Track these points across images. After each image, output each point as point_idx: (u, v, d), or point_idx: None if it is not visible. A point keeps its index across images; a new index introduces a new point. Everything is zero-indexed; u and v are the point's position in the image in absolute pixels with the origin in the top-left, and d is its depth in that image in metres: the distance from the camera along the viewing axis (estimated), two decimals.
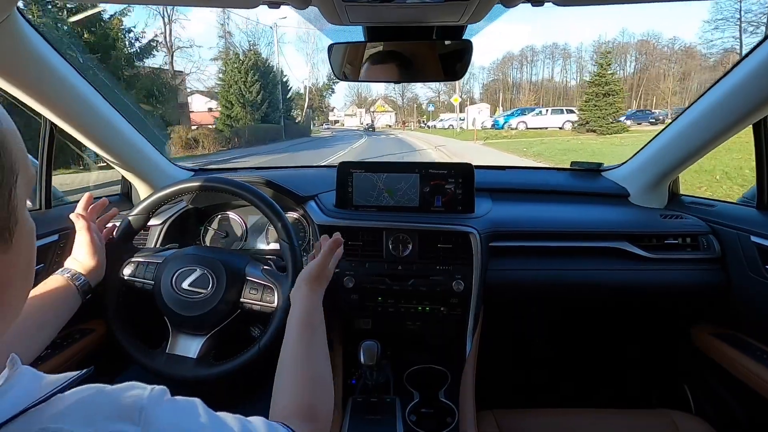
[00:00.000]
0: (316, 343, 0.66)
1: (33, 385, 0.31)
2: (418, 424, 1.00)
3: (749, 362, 0.97)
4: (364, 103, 62.65)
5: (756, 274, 0.98)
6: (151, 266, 0.86)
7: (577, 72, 57.14)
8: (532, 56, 61.46)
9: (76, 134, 1.01)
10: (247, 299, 0.85)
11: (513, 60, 62.57)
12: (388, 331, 1.16)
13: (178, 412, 0.36)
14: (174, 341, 0.86)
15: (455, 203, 1.14)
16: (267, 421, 0.46)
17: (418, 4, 0.67)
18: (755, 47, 0.86)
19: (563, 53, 60.29)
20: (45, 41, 0.82)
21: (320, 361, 0.64)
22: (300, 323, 0.67)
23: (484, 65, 67.99)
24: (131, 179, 1.28)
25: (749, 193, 1.11)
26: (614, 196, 1.34)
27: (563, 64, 60.01)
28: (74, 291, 0.75)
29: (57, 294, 0.73)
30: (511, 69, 62.33)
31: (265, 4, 0.70)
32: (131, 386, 0.35)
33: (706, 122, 1.03)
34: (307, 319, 0.68)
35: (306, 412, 0.56)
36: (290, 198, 1.18)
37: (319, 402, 0.59)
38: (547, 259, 1.13)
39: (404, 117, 57.32)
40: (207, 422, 0.37)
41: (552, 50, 61.10)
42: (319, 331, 0.69)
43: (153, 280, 0.85)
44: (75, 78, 0.92)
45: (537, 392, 1.46)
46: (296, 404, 0.56)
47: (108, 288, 0.85)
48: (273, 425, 0.46)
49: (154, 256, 0.88)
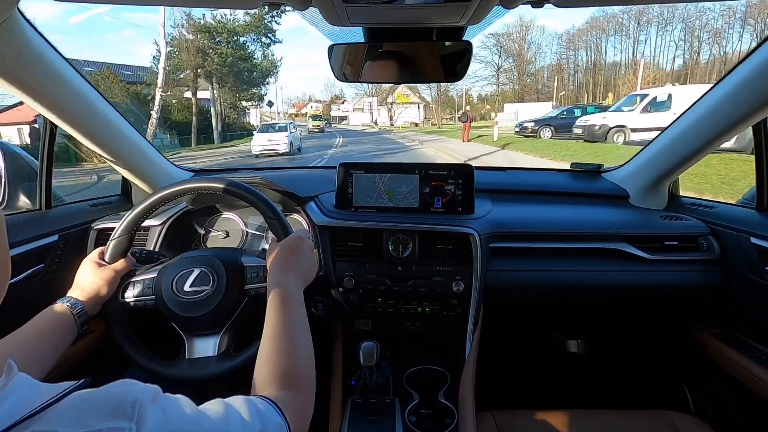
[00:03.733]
0: (295, 314, 0.66)
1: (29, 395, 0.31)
2: (417, 425, 1.00)
3: (749, 363, 0.97)
4: (380, 91, 41.95)
5: (756, 276, 0.98)
6: (148, 281, 0.84)
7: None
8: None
9: (76, 134, 1.01)
10: (251, 284, 0.85)
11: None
12: (388, 332, 1.16)
13: (168, 406, 0.36)
14: (191, 346, 0.85)
15: (455, 204, 1.14)
16: (246, 397, 0.47)
17: (418, 5, 0.67)
18: (755, 48, 0.87)
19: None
20: (45, 41, 0.82)
21: (299, 330, 0.64)
22: (277, 297, 0.67)
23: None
24: (131, 179, 1.28)
25: (749, 194, 1.11)
26: (614, 197, 1.34)
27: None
28: (72, 321, 0.73)
29: (55, 325, 0.71)
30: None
31: (266, 4, 0.70)
32: (122, 383, 0.35)
33: (707, 124, 1.03)
34: (284, 291, 0.68)
35: (286, 380, 0.56)
36: (290, 199, 1.18)
37: (298, 370, 0.58)
38: (546, 260, 1.13)
39: (436, 111, 38.65)
40: (195, 413, 0.39)
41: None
42: (297, 302, 0.69)
43: (153, 294, 0.84)
44: (75, 78, 0.92)
45: (536, 393, 1.46)
46: (275, 372, 0.56)
47: (111, 316, 0.84)
48: (251, 399, 0.47)
49: (149, 272, 0.87)
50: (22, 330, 0.66)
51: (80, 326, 0.74)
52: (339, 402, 1.07)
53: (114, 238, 0.85)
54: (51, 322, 0.71)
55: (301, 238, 0.79)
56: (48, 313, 0.72)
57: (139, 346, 0.85)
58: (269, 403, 0.48)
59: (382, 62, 0.91)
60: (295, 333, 0.63)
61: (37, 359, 0.66)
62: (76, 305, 0.75)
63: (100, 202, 1.28)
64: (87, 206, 1.22)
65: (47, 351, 0.68)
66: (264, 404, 0.47)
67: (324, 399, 1.08)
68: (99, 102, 1.01)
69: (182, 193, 0.86)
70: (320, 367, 0.64)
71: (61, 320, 0.72)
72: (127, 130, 1.13)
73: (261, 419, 0.45)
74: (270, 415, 0.46)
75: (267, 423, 0.45)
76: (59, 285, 1.04)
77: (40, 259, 1.01)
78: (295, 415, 0.51)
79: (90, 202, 1.25)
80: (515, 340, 1.47)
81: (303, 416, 0.55)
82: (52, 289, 1.02)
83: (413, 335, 1.18)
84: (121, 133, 1.11)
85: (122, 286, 0.85)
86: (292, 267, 0.74)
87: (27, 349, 0.65)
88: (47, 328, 0.70)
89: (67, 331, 0.72)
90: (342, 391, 1.10)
